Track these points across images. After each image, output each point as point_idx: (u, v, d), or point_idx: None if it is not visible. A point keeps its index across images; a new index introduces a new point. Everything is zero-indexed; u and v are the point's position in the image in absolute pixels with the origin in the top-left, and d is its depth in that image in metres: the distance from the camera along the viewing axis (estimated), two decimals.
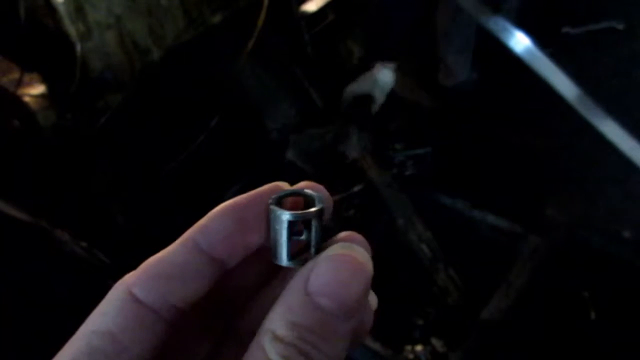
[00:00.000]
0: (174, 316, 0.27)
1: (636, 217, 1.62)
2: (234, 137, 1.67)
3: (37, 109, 1.47)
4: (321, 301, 0.24)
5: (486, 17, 1.28)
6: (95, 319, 0.26)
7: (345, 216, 1.66)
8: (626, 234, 1.61)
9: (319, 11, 1.77)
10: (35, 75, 1.52)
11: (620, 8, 2.18)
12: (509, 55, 1.37)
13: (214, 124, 1.57)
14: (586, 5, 2.22)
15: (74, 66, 1.39)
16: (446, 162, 1.82)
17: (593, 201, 1.72)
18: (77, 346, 0.25)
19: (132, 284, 0.27)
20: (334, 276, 0.24)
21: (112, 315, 0.26)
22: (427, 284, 1.53)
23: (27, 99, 1.49)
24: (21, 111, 1.44)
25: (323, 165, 1.76)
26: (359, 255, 0.25)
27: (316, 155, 1.76)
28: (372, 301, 0.29)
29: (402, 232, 1.60)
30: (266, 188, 0.29)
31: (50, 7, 1.38)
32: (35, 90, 1.51)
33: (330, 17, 1.85)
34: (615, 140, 1.31)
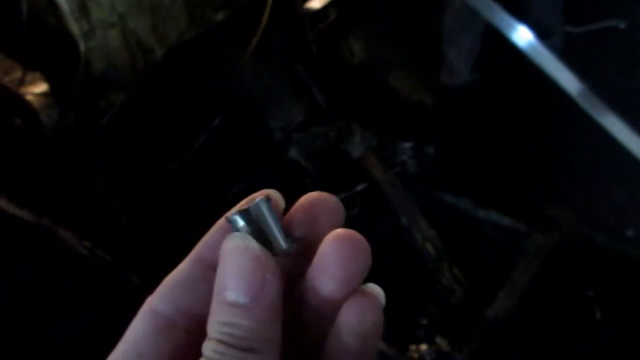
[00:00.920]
0: (190, 323, 0.29)
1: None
2: (237, 136, 1.67)
3: (39, 107, 1.47)
4: (226, 296, 0.27)
5: (491, 11, 1.28)
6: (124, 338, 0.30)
7: (349, 215, 1.66)
8: (629, 233, 1.61)
9: (323, 9, 1.77)
10: (37, 74, 1.52)
11: (622, 7, 2.18)
12: (512, 52, 1.37)
13: (216, 122, 1.57)
14: (588, 5, 2.22)
15: (77, 65, 1.39)
16: (450, 160, 1.82)
17: (597, 200, 1.72)
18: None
19: (151, 299, 0.30)
20: (224, 269, 0.27)
21: (133, 327, 0.30)
22: (431, 283, 1.53)
23: (29, 98, 1.49)
24: (23, 110, 1.44)
25: (326, 164, 1.76)
26: (239, 242, 0.27)
27: (319, 154, 1.76)
28: (375, 291, 0.29)
29: (406, 231, 1.60)
30: (255, 196, 0.31)
31: (53, 5, 1.38)
32: (37, 89, 1.51)
33: (333, 16, 1.85)
34: (619, 137, 1.30)
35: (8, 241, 1.14)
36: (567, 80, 1.28)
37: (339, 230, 0.28)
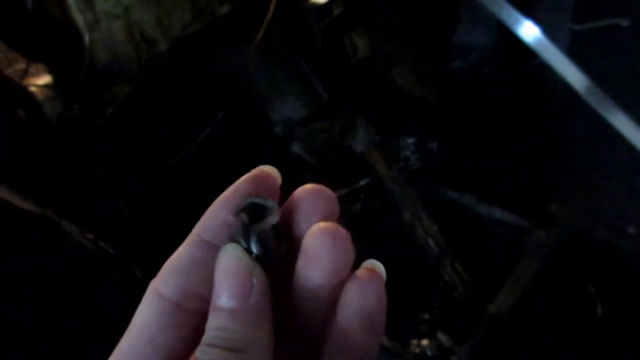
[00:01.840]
0: (196, 305, 0.30)
1: None
2: (240, 130, 1.67)
3: (43, 99, 1.47)
4: (216, 302, 0.28)
5: (498, 6, 1.27)
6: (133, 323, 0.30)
7: (352, 210, 1.66)
8: (631, 230, 1.61)
9: (327, 3, 1.76)
10: (41, 65, 1.51)
11: (624, 5, 2.17)
12: (517, 47, 1.37)
13: (220, 116, 1.57)
14: (592, 2, 2.21)
15: (81, 57, 1.39)
16: (453, 156, 1.82)
17: (598, 197, 1.72)
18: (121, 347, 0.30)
19: (155, 283, 0.30)
20: (215, 279, 0.28)
21: (141, 312, 0.30)
22: (433, 279, 1.53)
23: (33, 90, 1.48)
24: (27, 102, 1.44)
25: (329, 158, 1.76)
26: (230, 252, 0.28)
27: (322, 148, 1.76)
28: (375, 266, 0.30)
29: (409, 227, 1.60)
30: (249, 176, 0.32)
31: None
32: (41, 81, 1.51)
33: (337, 11, 1.85)
34: (626, 133, 1.30)
35: (11, 233, 1.14)
36: (574, 76, 1.28)
37: (319, 225, 0.29)
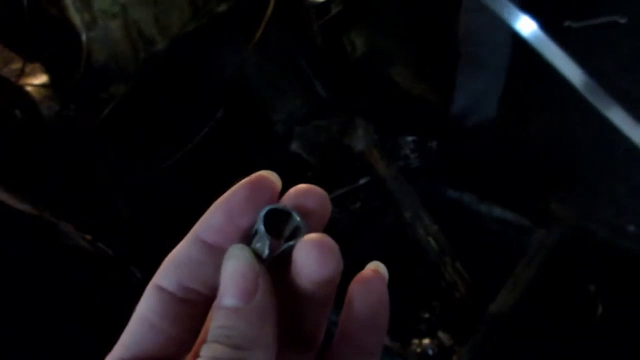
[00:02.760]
0: (196, 297, 0.31)
1: None
2: (239, 129, 1.66)
3: (39, 99, 1.46)
4: (221, 302, 0.29)
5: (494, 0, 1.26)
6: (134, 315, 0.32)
7: (351, 210, 1.66)
8: (631, 229, 1.61)
9: (327, 2, 1.76)
10: (37, 65, 1.51)
11: (622, 2, 2.17)
12: (517, 44, 1.37)
13: (219, 115, 1.56)
14: (589, 0, 2.21)
15: (78, 56, 1.39)
16: (453, 155, 1.81)
17: (599, 196, 1.72)
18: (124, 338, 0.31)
19: (155, 277, 0.32)
20: (222, 280, 0.29)
21: (142, 304, 0.32)
22: (434, 278, 1.53)
23: (29, 90, 1.48)
24: (23, 102, 1.43)
25: (328, 157, 1.75)
26: (236, 253, 0.30)
27: (322, 147, 1.75)
28: (378, 267, 0.32)
29: (409, 226, 1.59)
30: (247, 181, 0.33)
31: None
32: (37, 81, 1.51)
33: (336, 9, 1.84)
34: (625, 131, 1.29)
35: (8, 235, 1.13)
36: (572, 72, 1.27)
37: (308, 236, 0.30)
